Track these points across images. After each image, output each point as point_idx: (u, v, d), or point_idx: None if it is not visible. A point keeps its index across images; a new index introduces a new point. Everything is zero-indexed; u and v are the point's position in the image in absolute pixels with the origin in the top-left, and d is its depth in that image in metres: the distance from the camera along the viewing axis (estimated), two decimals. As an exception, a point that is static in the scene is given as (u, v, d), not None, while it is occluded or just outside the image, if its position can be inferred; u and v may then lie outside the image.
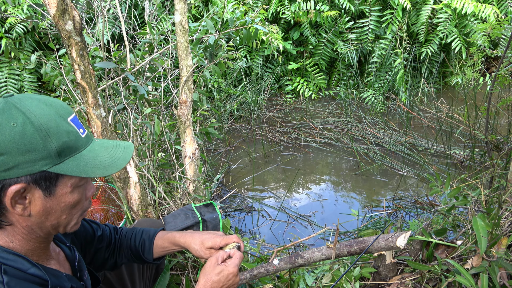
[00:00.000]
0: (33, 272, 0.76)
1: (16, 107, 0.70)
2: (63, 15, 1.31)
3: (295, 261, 1.50)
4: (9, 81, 3.83)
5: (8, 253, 0.75)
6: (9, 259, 0.74)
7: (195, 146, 2.02)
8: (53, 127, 0.72)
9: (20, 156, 0.69)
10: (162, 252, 1.19)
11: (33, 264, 0.77)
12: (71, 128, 0.76)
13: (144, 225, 1.41)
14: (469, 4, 3.76)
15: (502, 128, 3.42)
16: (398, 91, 4.16)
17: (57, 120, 0.73)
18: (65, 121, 0.75)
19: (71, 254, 0.95)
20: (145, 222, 1.46)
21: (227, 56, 2.20)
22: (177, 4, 1.73)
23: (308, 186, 2.97)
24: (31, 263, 0.77)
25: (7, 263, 0.73)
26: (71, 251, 0.96)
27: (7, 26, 3.60)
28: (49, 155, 0.71)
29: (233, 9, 3.68)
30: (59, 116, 0.74)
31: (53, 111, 0.73)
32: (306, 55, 4.53)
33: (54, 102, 0.76)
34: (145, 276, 1.38)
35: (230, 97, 4.15)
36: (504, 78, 2.31)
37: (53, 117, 0.73)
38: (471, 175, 2.61)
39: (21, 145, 0.69)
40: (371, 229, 2.32)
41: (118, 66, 1.88)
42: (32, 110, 0.71)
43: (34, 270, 0.76)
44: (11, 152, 0.68)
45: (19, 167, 0.69)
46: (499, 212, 1.54)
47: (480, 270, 1.36)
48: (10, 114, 0.69)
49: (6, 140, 0.68)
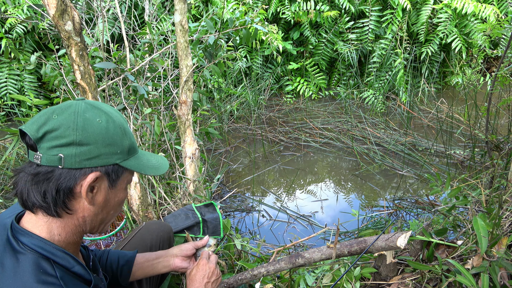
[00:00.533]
0: (77, 270, 0.80)
1: (97, 108, 0.80)
2: (62, 15, 1.31)
3: (296, 261, 1.50)
4: (9, 81, 3.83)
5: (56, 249, 0.78)
6: (57, 255, 0.77)
7: (195, 146, 2.01)
8: (127, 128, 0.84)
9: (103, 148, 0.78)
10: (140, 275, 1.24)
11: (78, 262, 0.80)
12: (131, 132, 0.88)
13: (153, 228, 1.41)
14: (469, 4, 3.76)
15: (503, 128, 3.42)
16: (399, 91, 4.16)
17: (126, 123, 0.85)
18: (128, 126, 0.87)
19: (86, 254, 0.97)
20: (153, 225, 1.45)
21: (227, 56, 2.20)
22: (177, 4, 1.73)
23: (308, 186, 2.97)
24: (75, 260, 0.80)
25: (55, 259, 0.76)
26: (86, 251, 0.99)
27: (7, 26, 3.60)
28: (123, 150, 0.82)
29: (233, 9, 3.68)
30: (125, 121, 0.86)
31: (122, 116, 0.85)
32: (306, 55, 4.53)
33: (117, 110, 0.87)
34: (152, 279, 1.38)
35: (230, 97, 4.14)
36: (504, 78, 2.30)
37: (124, 120, 0.85)
38: (471, 175, 2.61)
39: (105, 139, 0.78)
40: (372, 229, 2.32)
41: (118, 67, 1.88)
42: (111, 111, 0.82)
43: (78, 268, 0.80)
44: (96, 143, 0.77)
45: (100, 157, 0.78)
46: (500, 212, 1.54)
47: (480, 270, 1.36)
48: (94, 112, 0.79)
49: (94, 133, 0.77)
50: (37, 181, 0.75)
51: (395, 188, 2.84)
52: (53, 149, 0.74)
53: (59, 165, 0.75)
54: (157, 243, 1.39)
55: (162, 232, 1.41)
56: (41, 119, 0.75)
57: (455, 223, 1.99)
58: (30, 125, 0.75)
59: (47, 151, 0.74)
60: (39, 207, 0.77)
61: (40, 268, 0.73)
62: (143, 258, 1.25)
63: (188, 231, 1.76)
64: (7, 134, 1.57)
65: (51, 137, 0.74)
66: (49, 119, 0.75)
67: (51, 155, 0.74)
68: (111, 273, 1.19)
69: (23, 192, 0.77)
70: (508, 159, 2.18)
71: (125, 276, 1.20)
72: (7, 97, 3.81)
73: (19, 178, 0.77)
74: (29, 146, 0.76)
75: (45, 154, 0.74)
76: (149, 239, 1.37)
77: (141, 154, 0.89)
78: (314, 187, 2.96)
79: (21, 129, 0.76)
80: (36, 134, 0.74)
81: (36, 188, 0.75)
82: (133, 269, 1.22)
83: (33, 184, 0.75)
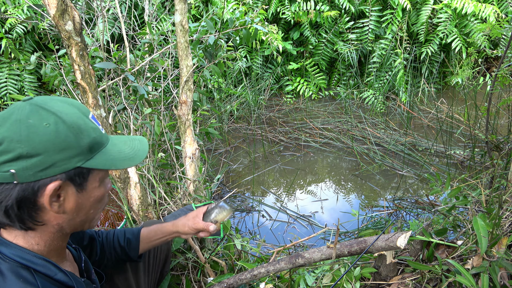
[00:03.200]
0: (59, 278, 0.77)
1: (44, 108, 0.72)
2: (63, 15, 1.31)
3: (296, 261, 1.50)
4: (9, 81, 3.83)
5: (36, 258, 0.75)
6: (37, 264, 0.75)
7: (195, 146, 2.01)
8: (82, 124, 0.75)
9: (56, 154, 0.71)
10: (149, 245, 1.22)
11: (60, 270, 0.78)
12: (94, 125, 0.79)
13: None
14: (469, 4, 3.76)
15: (503, 128, 3.42)
16: (398, 91, 4.16)
17: (83, 118, 0.76)
18: (88, 119, 0.78)
19: (77, 255, 0.96)
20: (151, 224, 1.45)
21: (227, 56, 2.20)
22: (177, 4, 1.73)
23: (308, 186, 2.97)
24: (57, 268, 0.78)
25: (35, 268, 0.74)
26: (77, 251, 0.97)
27: (7, 26, 3.60)
28: (82, 151, 0.74)
29: (233, 9, 3.68)
30: (83, 114, 0.77)
31: (77, 110, 0.76)
32: (306, 55, 4.53)
33: (74, 102, 0.79)
34: (149, 279, 1.38)
35: (230, 97, 4.14)
36: (504, 78, 2.30)
37: (79, 116, 0.76)
38: (471, 175, 2.61)
39: (57, 144, 0.71)
40: (372, 229, 2.32)
41: (118, 67, 1.88)
42: (60, 109, 0.73)
43: (60, 276, 0.77)
44: (47, 151, 0.70)
45: (56, 165, 0.71)
46: (500, 212, 1.54)
47: (480, 270, 1.36)
48: (40, 115, 0.71)
49: (42, 140, 0.69)
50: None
51: (395, 188, 2.84)
52: (3, 165, 0.69)
53: (14, 181, 0.69)
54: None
55: None
56: None
57: (455, 223, 1.99)
58: None
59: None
60: (7, 225, 0.74)
61: (20, 277, 0.71)
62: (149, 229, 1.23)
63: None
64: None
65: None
66: None
67: (2, 172, 0.69)
68: (119, 248, 1.18)
69: None
70: (508, 159, 2.18)
71: (133, 248, 1.19)
72: (7, 97, 3.81)
73: None
74: None
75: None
76: None
77: (111, 145, 0.81)
78: (314, 187, 2.96)
79: None
80: None
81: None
82: (140, 237, 1.20)
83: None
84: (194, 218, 1.19)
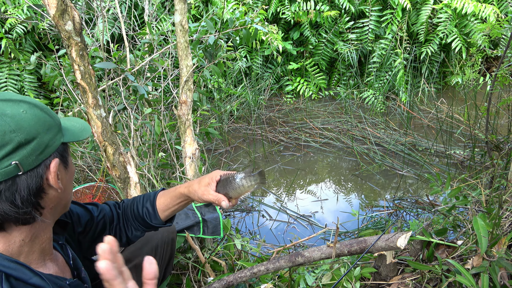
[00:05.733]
0: (34, 282, 0.75)
1: (9, 100, 0.73)
2: (63, 15, 1.31)
3: (295, 259, 1.50)
4: (9, 81, 3.83)
5: (9, 261, 0.73)
6: (10, 267, 0.73)
7: (195, 146, 2.01)
8: (45, 105, 0.79)
9: (46, 135, 0.74)
10: (168, 212, 1.14)
11: (35, 273, 0.76)
12: None
13: None
14: (469, 4, 3.76)
15: (503, 128, 3.42)
16: (398, 91, 4.16)
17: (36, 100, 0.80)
18: None
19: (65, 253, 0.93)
20: None
21: (227, 56, 2.20)
22: (177, 5, 1.73)
23: (308, 186, 2.97)
24: (32, 271, 0.76)
25: (8, 271, 0.72)
26: (63, 249, 0.94)
27: (7, 26, 3.60)
28: (59, 128, 0.79)
29: (233, 9, 3.68)
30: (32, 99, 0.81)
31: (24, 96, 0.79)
32: (306, 55, 4.53)
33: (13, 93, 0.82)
34: None
35: (230, 97, 4.14)
36: (504, 78, 2.30)
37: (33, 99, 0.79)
38: (471, 175, 2.61)
39: (42, 125, 0.74)
40: (372, 229, 2.32)
41: (118, 67, 1.88)
42: (20, 97, 0.75)
43: (35, 280, 0.75)
44: (39, 133, 0.73)
45: (49, 145, 0.75)
46: (500, 212, 1.54)
47: (480, 270, 1.36)
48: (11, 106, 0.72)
49: (31, 125, 0.72)
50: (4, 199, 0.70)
51: (395, 188, 2.84)
52: (2, 161, 0.68)
53: (19, 172, 0.70)
54: (162, 244, 1.38)
55: (167, 232, 1.41)
56: None
57: (455, 223, 1.99)
58: None
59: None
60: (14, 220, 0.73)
61: None
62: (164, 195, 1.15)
63: (188, 231, 1.76)
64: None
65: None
66: None
67: (3, 167, 0.68)
68: (139, 217, 1.15)
69: None
70: (508, 159, 2.18)
71: (152, 213, 1.13)
72: (7, 97, 3.81)
73: None
74: None
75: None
76: (155, 238, 1.37)
77: (63, 123, 0.84)
78: (314, 187, 2.96)
79: None
80: None
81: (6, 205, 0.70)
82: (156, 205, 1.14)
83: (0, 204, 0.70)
84: (205, 187, 1.05)
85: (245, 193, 1.02)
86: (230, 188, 1.01)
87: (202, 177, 1.09)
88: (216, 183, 1.05)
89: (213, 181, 1.05)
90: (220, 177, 1.05)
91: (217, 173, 1.07)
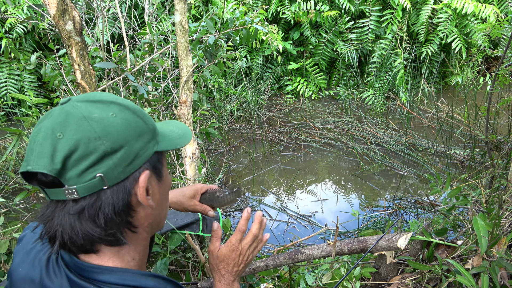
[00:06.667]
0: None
1: (99, 101, 0.64)
2: (63, 15, 1.31)
3: (295, 257, 1.50)
4: (9, 81, 3.83)
5: (145, 276, 0.66)
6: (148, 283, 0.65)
7: (195, 146, 2.02)
8: (138, 108, 0.68)
9: (136, 143, 0.63)
10: None
11: (169, 280, 0.70)
12: None
13: None
14: (469, 4, 3.76)
15: (503, 128, 3.42)
16: (398, 91, 4.16)
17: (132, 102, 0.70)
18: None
19: None
20: None
21: (227, 56, 2.20)
22: (177, 4, 1.73)
23: (308, 186, 2.97)
24: (166, 280, 0.69)
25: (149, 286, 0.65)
26: None
27: (7, 26, 3.60)
28: (153, 134, 0.67)
29: (233, 9, 3.68)
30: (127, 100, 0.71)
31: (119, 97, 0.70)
32: (306, 55, 4.53)
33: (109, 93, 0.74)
34: None
35: (230, 97, 4.15)
36: (504, 78, 2.30)
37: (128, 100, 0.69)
38: (471, 175, 2.61)
39: (132, 131, 0.63)
40: (372, 229, 2.32)
41: (118, 66, 1.88)
42: (114, 98, 0.66)
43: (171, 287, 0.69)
44: (128, 141, 0.62)
45: (139, 154, 0.64)
46: (500, 212, 1.54)
47: (480, 270, 1.36)
48: (101, 108, 0.62)
49: (119, 131, 0.61)
50: (87, 218, 0.61)
51: (395, 188, 2.84)
52: (85, 173, 0.59)
53: (104, 187, 0.60)
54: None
55: None
56: (46, 147, 0.58)
57: (455, 223, 1.99)
58: (36, 160, 0.58)
59: (79, 179, 0.59)
60: (101, 242, 0.64)
61: None
62: None
63: (187, 228, 1.76)
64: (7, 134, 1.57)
65: (75, 161, 0.58)
66: (56, 142, 0.58)
67: (87, 181, 0.59)
68: None
69: (73, 239, 0.62)
70: (508, 159, 2.18)
71: None
72: (7, 97, 3.81)
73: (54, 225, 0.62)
74: (47, 184, 0.60)
75: (79, 183, 0.59)
76: None
77: (160, 128, 0.73)
78: (314, 187, 2.96)
79: (27, 171, 0.58)
80: (54, 166, 0.57)
81: (89, 225, 0.61)
82: None
83: (82, 223, 0.61)
84: (191, 199, 1.10)
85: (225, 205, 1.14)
86: (215, 200, 1.13)
87: (183, 189, 1.13)
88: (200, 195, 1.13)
89: (198, 194, 1.12)
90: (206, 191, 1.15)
91: (200, 187, 1.14)
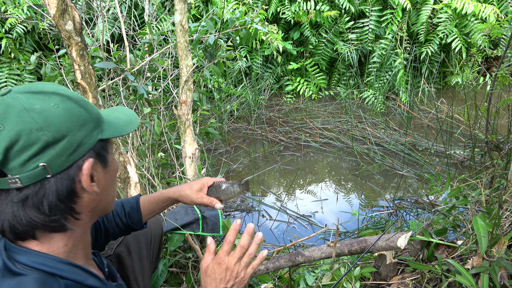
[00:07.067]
0: (90, 283, 0.71)
1: (40, 92, 0.65)
2: (63, 15, 1.31)
3: (295, 259, 1.50)
4: (9, 81, 3.83)
5: (63, 264, 0.68)
6: (65, 270, 0.68)
7: (195, 146, 2.02)
8: (82, 97, 0.70)
9: (79, 132, 0.66)
10: (151, 215, 1.19)
11: (91, 274, 0.72)
12: None
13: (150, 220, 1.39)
14: (469, 4, 3.76)
15: (503, 128, 3.42)
16: (399, 91, 4.16)
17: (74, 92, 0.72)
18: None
19: (99, 260, 0.89)
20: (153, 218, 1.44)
21: (227, 56, 2.20)
22: (177, 4, 1.73)
23: (308, 186, 2.97)
24: (87, 272, 0.72)
25: (63, 274, 0.67)
26: (98, 257, 0.89)
27: (7, 26, 3.60)
28: (96, 123, 0.70)
29: (233, 9, 3.68)
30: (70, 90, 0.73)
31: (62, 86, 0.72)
32: (306, 55, 4.53)
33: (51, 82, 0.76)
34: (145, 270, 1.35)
35: (230, 97, 4.15)
36: (504, 78, 2.30)
37: (71, 90, 0.71)
38: (471, 175, 2.61)
39: (75, 121, 0.66)
40: (372, 229, 2.32)
41: (118, 66, 1.88)
42: (55, 89, 0.67)
43: (92, 281, 0.71)
44: (71, 131, 0.65)
45: (82, 143, 0.67)
46: (500, 212, 1.54)
47: (480, 270, 1.36)
48: (42, 99, 0.64)
49: (61, 121, 0.64)
50: (31, 205, 0.64)
51: (395, 188, 2.84)
52: (28, 163, 0.62)
53: (47, 175, 0.63)
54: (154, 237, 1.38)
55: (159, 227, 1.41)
56: None
57: (455, 223, 1.99)
58: None
59: (22, 169, 0.62)
60: (44, 229, 0.67)
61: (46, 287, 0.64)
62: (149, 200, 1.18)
63: (187, 228, 1.76)
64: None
65: (17, 151, 0.61)
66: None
67: (30, 170, 0.62)
68: (121, 223, 1.14)
69: (15, 226, 0.65)
70: (508, 159, 2.18)
71: (136, 220, 1.15)
72: (7, 97, 3.81)
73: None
74: None
75: (22, 172, 0.62)
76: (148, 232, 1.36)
77: (106, 115, 0.75)
78: (314, 187, 2.96)
79: None
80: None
81: (33, 212, 0.64)
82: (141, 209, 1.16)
83: (25, 211, 0.64)
84: (198, 192, 1.13)
85: (233, 198, 1.15)
86: (222, 193, 1.14)
87: (190, 183, 1.17)
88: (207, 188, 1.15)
89: (205, 187, 1.14)
90: (213, 183, 1.16)
91: (207, 180, 1.16)
